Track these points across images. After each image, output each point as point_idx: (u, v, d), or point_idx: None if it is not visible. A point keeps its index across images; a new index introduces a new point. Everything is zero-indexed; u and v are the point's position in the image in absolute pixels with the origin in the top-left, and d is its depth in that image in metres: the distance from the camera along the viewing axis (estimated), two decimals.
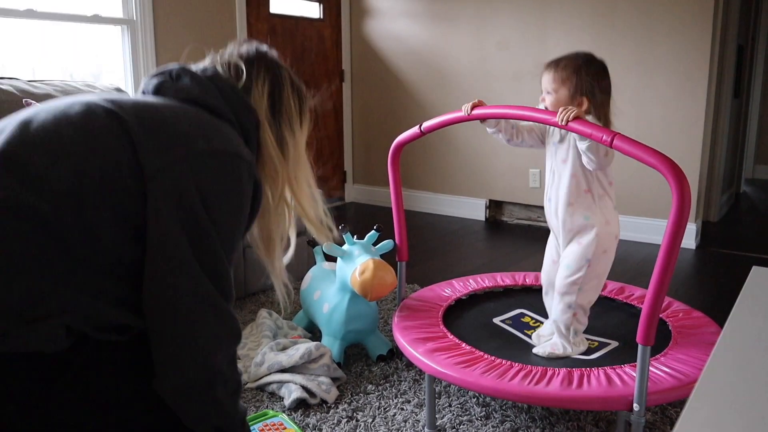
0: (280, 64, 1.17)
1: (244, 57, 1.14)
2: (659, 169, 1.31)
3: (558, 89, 1.65)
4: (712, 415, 0.66)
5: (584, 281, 1.70)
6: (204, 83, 1.05)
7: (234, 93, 1.07)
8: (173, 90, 1.04)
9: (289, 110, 1.14)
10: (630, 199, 3.83)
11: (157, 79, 1.07)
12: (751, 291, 1.03)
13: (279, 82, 1.14)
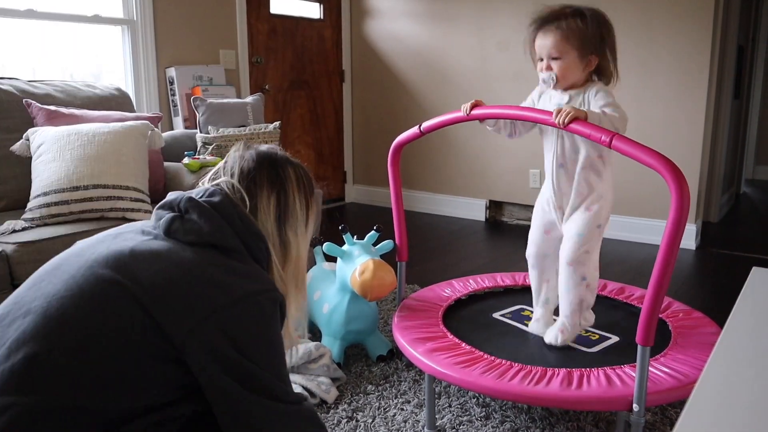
0: (285, 170, 1.14)
1: (246, 173, 1.11)
2: (658, 170, 1.31)
3: (566, 52, 1.55)
4: (712, 415, 0.66)
5: (594, 248, 1.68)
6: (213, 219, 1.04)
7: (243, 223, 1.06)
8: (183, 232, 1.03)
9: (294, 215, 1.14)
10: (630, 200, 3.83)
11: (167, 217, 1.06)
12: (751, 291, 1.03)
13: (284, 190, 1.12)
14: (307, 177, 1.17)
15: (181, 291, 0.96)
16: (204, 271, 0.99)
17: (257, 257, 1.08)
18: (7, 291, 1.94)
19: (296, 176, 1.14)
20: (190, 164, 2.53)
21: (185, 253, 1.01)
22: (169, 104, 3.67)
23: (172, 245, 1.02)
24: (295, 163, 1.17)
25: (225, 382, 0.96)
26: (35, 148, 2.26)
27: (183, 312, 0.95)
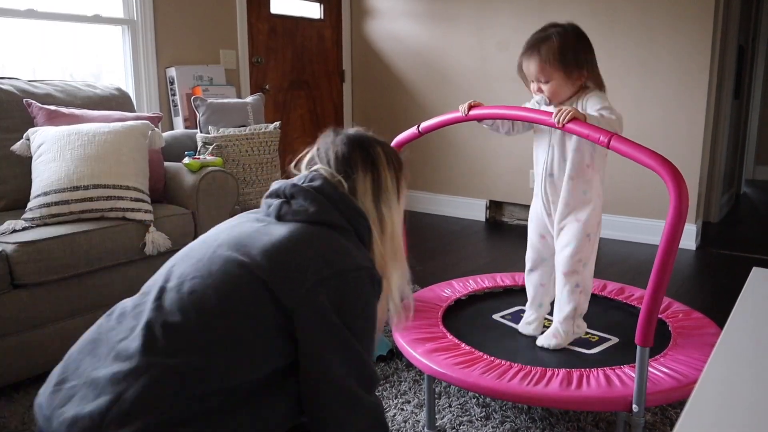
0: (375, 150, 1.23)
1: (341, 157, 1.20)
2: (656, 170, 1.31)
3: (551, 75, 1.61)
4: (712, 415, 0.66)
5: (587, 257, 1.70)
6: (317, 200, 1.14)
7: (344, 202, 1.16)
8: (292, 213, 1.14)
9: (387, 191, 1.22)
10: (630, 200, 3.83)
11: (276, 203, 1.17)
12: (751, 292, 1.03)
13: (377, 169, 1.21)
14: (394, 154, 1.26)
15: (293, 262, 1.06)
16: (311, 244, 1.09)
17: (360, 234, 1.17)
18: (7, 291, 1.94)
19: (385, 155, 1.22)
20: (191, 164, 2.53)
21: (295, 230, 1.11)
22: (170, 104, 3.67)
23: (284, 226, 1.12)
24: (382, 142, 1.26)
25: (321, 345, 1.06)
26: (35, 147, 2.26)
27: (294, 281, 1.05)
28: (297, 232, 1.10)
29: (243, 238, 1.10)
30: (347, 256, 1.10)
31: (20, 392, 2.01)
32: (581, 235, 1.68)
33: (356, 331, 1.08)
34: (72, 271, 2.06)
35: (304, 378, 1.07)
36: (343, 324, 1.06)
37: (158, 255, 2.30)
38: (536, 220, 1.82)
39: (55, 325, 2.05)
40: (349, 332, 1.07)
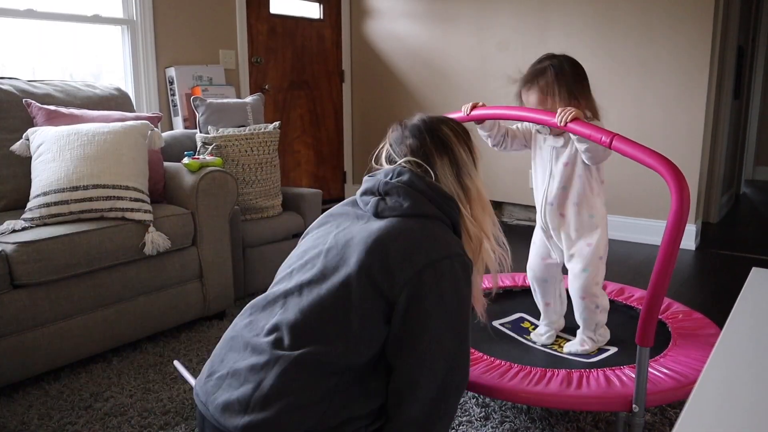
0: (443, 129, 1.33)
1: (416, 149, 1.31)
2: (658, 170, 1.31)
3: (551, 107, 1.64)
4: (711, 416, 0.66)
5: (602, 277, 1.74)
6: (410, 194, 1.24)
7: (433, 190, 1.26)
8: (389, 209, 1.25)
9: (464, 164, 1.31)
10: (631, 200, 3.83)
11: (373, 201, 1.28)
12: (751, 292, 1.02)
13: (450, 147, 1.31)
14: (460, 128, 1.36)
15: (392, 257, 1.16)
16: (408, 237, 1.19)
17: (452, 216, 1.27)
18: (6, 291, 1.94)
19: (453, 132, 1.33)
20: (190, 164, 2.53)
21: (393, 225, 1.21)
22: (169, 104, 3.67)
23: (383, 223, 1.23)
24: (444, 119, 1.36)
25: (417, 333, 1.17)
26: (35, 147, 2.26)
27: (394, 273, 1.16)
28: (394, 227, 1.20)
29: (349, 239, 1.22)
30: (440, 245, 1.20)
31: (20, 392, 2.01)
32: (595, 259, 1.71)
33: (450, 317, 1.18)
34: (71, 271, 2.06)
35: (400, 363, 1.18)
36: (438, 312, 1.16)
37: (158, 255, 2.30)
38: (538, 242, 1.86)
39: (54, 325, 2.05)
40: (445, 319, 1.17)
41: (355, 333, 1.17)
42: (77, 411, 1.90)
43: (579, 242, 1.73)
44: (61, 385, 2.06)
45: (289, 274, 1.29)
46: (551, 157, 1.74)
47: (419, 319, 1.16)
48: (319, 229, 1.35)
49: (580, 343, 1.76)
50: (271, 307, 1.25)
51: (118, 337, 2.24)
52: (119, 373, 2.14)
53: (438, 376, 1.18)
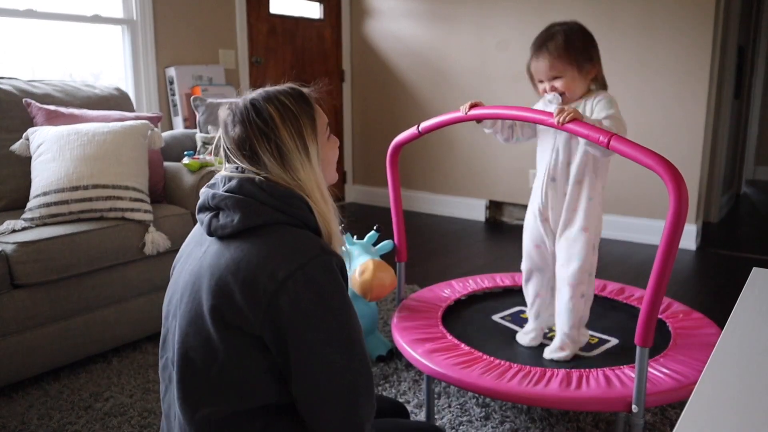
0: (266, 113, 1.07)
1: (240, 142, 1.08)
2: (656, 170, 1.30)
3: (564, 70, 1.61)
4: (712, 416, 0.66)
5: (593, 267, 1.68)
6: (240, 205, 1.04)
7: (267, 191, 1.05)
8: (221, 228, 1.05)
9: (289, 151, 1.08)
10: (631, 200, 3.83)
11: (206, 220, 1.08)
12: (751, 292, 1.02)
13: (273, 136, 1.07)
14: (290, 103, 1.09)
15: (240, 294, 0.99)
16: (248, 265, 1.00)
17: (298, 215, 1.07)
18: (6, 291, 1.94)
19: (278, 112, 1.07)
20: (190, 164, 2.53)
21: (231, 255, 1.02)
22: (169, 104, 3.66)
23: (216, 249, 1.05)
24: (273, 95, 1.10)
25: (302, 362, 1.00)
26: (35, 147, 2.26)
27: (247, 313, 0.98)
28: (232, 259, 1.01)
29: (195, 278, 1.05)
30: (286, 258, 1.00)
31: (19, 392, 2.01)
32: (588, 248, 1.66)
33: (327, 332, 1.00)
34: (71, 271, 2.06)
35: (295, 392, 1.02)
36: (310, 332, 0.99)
37: (158, 255, 2.30)
38: (531, 228, 1.77)
39: (54, 325, 2.05)
40: (321, 337, 1.00)
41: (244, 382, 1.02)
42: (77, 411, 1.90)
43: (574, 226, 1.66)
44: (61, 385, 2.06)
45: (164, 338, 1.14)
46: (554, 132, 1.67)
47: (294, 346, 0.98)
48: (177, 266, 1.16)
49: (559, 346, 1.67)
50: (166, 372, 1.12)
51: (118, 337, 2.24)
52: (119, 373, 2.14)
53: (339, 396, 1.02)
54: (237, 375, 1.02)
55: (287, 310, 0.97)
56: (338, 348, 1.01)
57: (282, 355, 1.00)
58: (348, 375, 1.02)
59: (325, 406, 1.02)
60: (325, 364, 1.00)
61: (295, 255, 1.00)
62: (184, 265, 1.12)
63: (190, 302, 1.05)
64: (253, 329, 0.99)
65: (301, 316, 0.98)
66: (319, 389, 1.01)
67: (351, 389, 1.03)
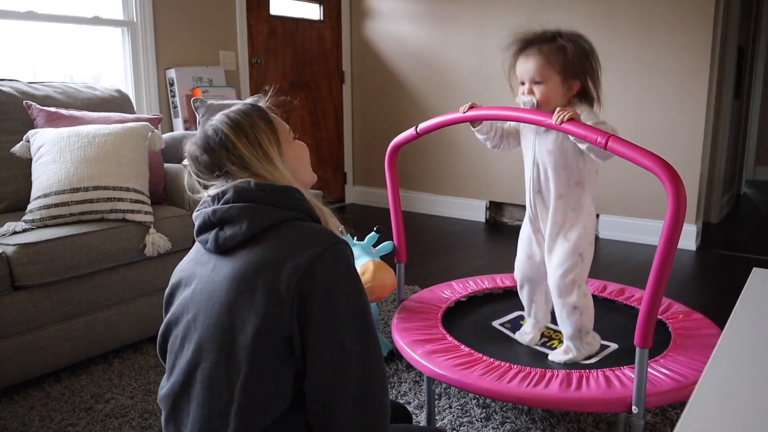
0: (222, 132, 1.10)
1: (210, 165, 1.11)
2: (654, 171, 1.30)
3: (549, 77, 1.53)
4: (712, 416, 0.66)
5: (581, 278, 1.65)
6: (246, 213, 1.05)
7: (265, 190, 1.07)
8: (230, 240, 1.06)
9: (252, 164, 1.10)
10: (631, 201, 3.83)
11: (212, 237, 1.08)
12: (752, 293, 1.03)
13: (232, 146, 1.10)
14: (242, 117, 1.13)
15: (261, 294, 1.00)
16: (270, 265, 1.01)
17: (300, 206, 1.09)
18: (7, 293, 1.94)
19: (230, 128, 1.11)
20: None
21: (239, 261, 1.04)
22: (169, 105, 3.67)
23: (226, 262, 1.05)
24: (219, 119, 1.13)
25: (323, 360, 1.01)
26: (35, 149, 2.26)
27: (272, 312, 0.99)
28: (248, 264, 1.03)
29: (208, 296, 1.05)
30: (303, 250, 1.01)
31: (20, 393, 2.01)
32: (573, 255, 1.62)
33: (352, 318, 1.02)
34: (72, 272, 2.06)
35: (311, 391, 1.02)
36: (336, 318, 1.00)
37: (158, 256, 2.30)
38: (525, 239, 1.77)
39: (55, 327, 2.05)
40: (346, 322, 1.01)
41: (269, 394, 1.02)
42: (78, 412, 1.90)
43: (558, 237, 1.64)
44: (62, 386, 2.06)
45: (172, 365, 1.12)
46: (533, 143, 1.64)
47: (313, 335, 1.00)
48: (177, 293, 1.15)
49: (564, 351, 1.66)
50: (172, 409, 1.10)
51: (118, 339, 2.24)
52: (120, 375, 2.14)
53: (355, 385, 1.01)
54: (263, 388, 1.00)
55: (313, 295, 0.99)
56: (355, 335, 1.02)
57: (303, 348, 1.01)
58: (364, 363, 1.02)
59: (340, 398, 1.01)
60: (341, 350, 1.00)
61: (310, 247, 1.02)
62: (189, 289, 1.10)
63: (208, 320, 1.04)
64: (281, 329, 0.99)
65: (326, 300, 1.00)
66: (335, 378, 1.00)
67: (366, 378, 1.02)
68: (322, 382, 1.01)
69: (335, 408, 1.01)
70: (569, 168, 1.60)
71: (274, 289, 0.99)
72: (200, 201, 1.14)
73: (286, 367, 1.02)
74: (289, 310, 0.99)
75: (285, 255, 1.01)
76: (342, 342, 1.01)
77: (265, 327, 0.99)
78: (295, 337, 1.00)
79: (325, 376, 1.01)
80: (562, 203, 1.63)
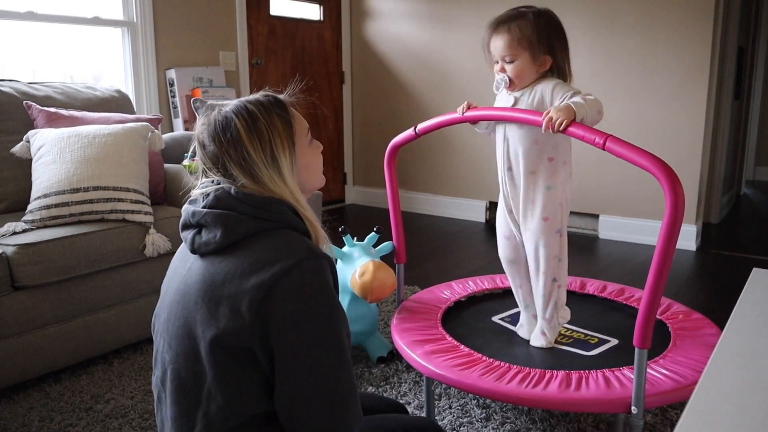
0: (232, 129, 1.05)
1: (214, 158, 1.07)
2: (652, 171, 1.30)
3: (518, 54, 1.55)
4: (712, 417, 0.66)
5: (563, 253, 1.67)
6: (219, 220, 1.02)
7: (246, 201, 1.03)
8: (204, 246, 1.03)
9: (256, 164, 1.05)
10: (630, 201, 3.83)
11: (189, 238, 1.06)
12: (752, 293, 1.02)
13: (240, 151, 1.04)
14: (256, 112, 1.08)
15: (226, 307, 0.97)
16: (231, 280, 0.99)
17: (281, 219, 1.04)
18: (7, 293, 1.94)
19: (244, 125, 1.05)
20: (190, 166, 2.53)
21: (211, 268, 1.02)
22: (169, 106, 3.67)
23: (200, 265, 1.04)
24: (240, 109, 1.07)
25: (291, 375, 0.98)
26: (35, 150, 2.26)
27: (235, 324, 0.96)
28: (216, 273, 1.00)
29: (180, 296, 1.04)
30: (271, 267, 0.97)
31: (20, 394, 2.01)
32: (551, 235, 1.63)
33: (321, 334, 0.98)
34: (72, 272, 2.06)
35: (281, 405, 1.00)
36: (303, 334, 0.96)
37: (158, 257, 2.30)
38: (500, 219, 1.79)
39: (55, 327, 2.05)
40: (314, 339, 0.97)
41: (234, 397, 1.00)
42: (78, 413, 1.90)
43: (534, 216, 1.63)
44: (61, 387, 2.06)
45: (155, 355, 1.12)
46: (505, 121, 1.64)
47: (280, 351, 0.96)
48: (164, 284, 1.16)
49: (540, 333, 1.71)
50: (158, 400, 1.11)
51: (118, 339, 2.24)
52: (120, 375, 2.14)
53: (324, 401, 0.98)
54: (227, 392, 0.99)
55: (276, 315, 0.95)
56: (324, 351, 0.98)
57: (270, 363, 0.98)
58: (333, 380, 0.98)
59: (309, 414, 0.98)
60: (310, 367, 0.97)
61: (279, 261, 0.98)
62: (170, 284, 1.11)
63: (177, 321, 1.03)
64: (241, 341, 0.96)
65: (289, 320, 0.95)
66: (302, 394, 0.97)
67: (336, 395, 0.99)
68: (289, 395, 0.98)
69: (303, 421, 0.99)
70: (540, 143, 1.59)
71: (236, 306, 0.96)
72: (190, 194, 1.10)
73: (247, 374, 0.99)
74: (249, 330, 0.96)
75: (252, 269, 0.97)
76: (310, 358, 0.97)
77: (222, 339, 0.97)
78: (257, 350, 0.97)
79: (292, 390, 0.97)
80: (532, 180, 1.62)
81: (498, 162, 1.72)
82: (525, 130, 1.60)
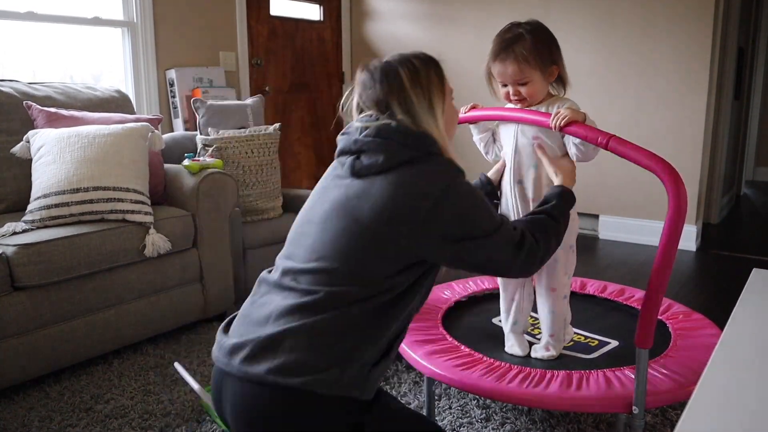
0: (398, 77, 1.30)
1: (378, 101, 1.29)
2: (654, 171, 1.31)
3: (530, 75, 1.55)
4: (712, 417, 0.66)
5: (571, 269, 1.65)
6: (382, 148, 1.22)
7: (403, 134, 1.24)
8: (366, 168, 1.23)
9: (420, 107, 1.28)
10: (631, 201, 3.83)
11: (348, 162, 1.26)
12: (752, 293, 1.03)
13: (404, 95, 1.27)
14: (420, 66, 1.33)
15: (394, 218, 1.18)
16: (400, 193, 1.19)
17: (432, 149, 1.26)
18: (7, 293, 1.94)
19: (409, 74, 1.30)
20: (190, 166, 2.53)
21: (374, 187, 1.21)
22: (169, 106, 3.67)
23: (360, 183, 1.22)
24: (406, 58, 1.34)
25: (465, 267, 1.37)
26: (35, 150, 2.26)
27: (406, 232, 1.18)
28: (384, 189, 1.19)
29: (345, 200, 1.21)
30: (432, 183, 1.20)
31: (20, 394, 2.01)
32: (565, 248, 1.61)
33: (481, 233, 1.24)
34: (72, 273, 2.06)
35: None
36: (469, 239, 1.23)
37: (158, 257, 2.30)
38: None
39: (55, 327, 2.05)
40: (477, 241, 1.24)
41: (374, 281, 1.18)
42: (78, 413, 1.90)
43: None
44: (61, 387, 2.06)
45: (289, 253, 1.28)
46: (515, 132, 1.64)
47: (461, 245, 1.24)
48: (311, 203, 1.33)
49: (545, 347, 1.66)
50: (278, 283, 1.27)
51: (118, 339, 2.24)
52: (120, 375, 2.14)
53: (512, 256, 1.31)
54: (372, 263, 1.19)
55: (443, 221, 1.19)
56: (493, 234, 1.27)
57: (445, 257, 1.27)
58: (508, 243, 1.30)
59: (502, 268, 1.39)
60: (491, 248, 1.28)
61: (439, 178, 1.22)
62: (320, 202, 1.27)
63: (340, 222, 1.19)
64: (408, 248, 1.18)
65: (461, 220, 1.21)
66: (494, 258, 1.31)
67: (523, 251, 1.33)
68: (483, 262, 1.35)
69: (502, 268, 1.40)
70: (552, 153, 1.58)
71: (408, 213, 1.17)
72: (346, 125, 1.33)
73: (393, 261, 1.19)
74: (419, 232, 1.17)
75: (417, 186, 1.19)
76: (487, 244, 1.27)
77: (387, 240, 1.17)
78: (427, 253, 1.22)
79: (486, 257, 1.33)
80: (544, 192, 1.59)
81: (505, 176, 1.69)
82: (539, 142, 1.59)
